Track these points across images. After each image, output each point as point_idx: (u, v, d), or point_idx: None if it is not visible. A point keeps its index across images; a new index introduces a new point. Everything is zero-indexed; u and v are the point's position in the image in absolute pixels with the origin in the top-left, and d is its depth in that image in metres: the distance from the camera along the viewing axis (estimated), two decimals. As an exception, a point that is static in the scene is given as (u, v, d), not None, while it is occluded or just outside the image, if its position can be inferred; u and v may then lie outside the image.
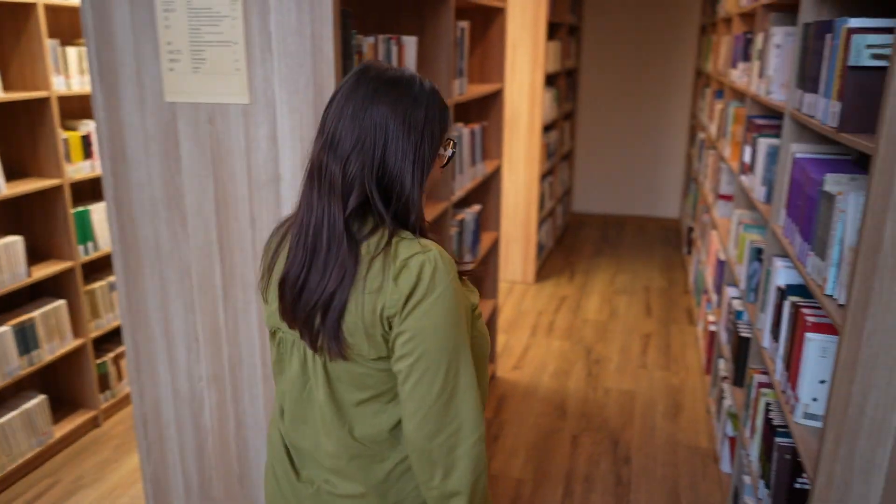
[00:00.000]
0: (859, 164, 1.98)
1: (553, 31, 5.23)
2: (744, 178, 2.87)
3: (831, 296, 1.54)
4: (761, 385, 2.16)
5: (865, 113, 1.49)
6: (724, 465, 2.74)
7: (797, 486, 1.84)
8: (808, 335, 1.66)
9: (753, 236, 2.68)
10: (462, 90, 2.60)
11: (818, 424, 1.68)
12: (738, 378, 2.59)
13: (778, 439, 1.88)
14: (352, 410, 1.15)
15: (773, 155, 2.44)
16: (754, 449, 2.12)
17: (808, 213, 1.75)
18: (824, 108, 1.68)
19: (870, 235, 1.28)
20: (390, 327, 1.06)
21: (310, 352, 1.14)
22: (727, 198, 3.52)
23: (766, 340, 2.13)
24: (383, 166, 1.07)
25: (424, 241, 1.09)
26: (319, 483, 1.21)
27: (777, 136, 2.62)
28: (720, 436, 2.85)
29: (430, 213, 2.38)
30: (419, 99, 1.08)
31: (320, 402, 1.15)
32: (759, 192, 2.52)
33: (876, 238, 1.27)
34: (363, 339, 1.07)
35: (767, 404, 2.03)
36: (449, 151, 1.17)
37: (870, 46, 1.45)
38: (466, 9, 2.92)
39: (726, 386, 2.89)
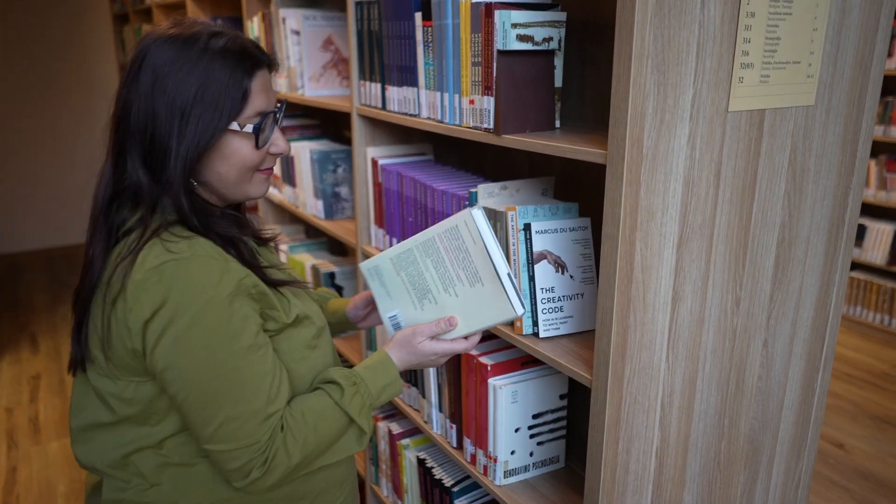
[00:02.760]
0: (441, 161, 1.76)
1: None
2: (275, 192, 2.42)
3: (533, 334, 1.26)
4: (396, 436, 1.81)
5: (523, 108, 1.21)
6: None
7: (491, 545, 1.58)
8: (493, 381, 1.36)
9: (310, 258, 2.29)
10: None
11: (521, 478, 1.42)
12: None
13: (458, 501, 1.57)
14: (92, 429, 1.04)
15: (321, 162, 2.06)
16: (412, 513, 1.78)
17: (446, 234, 1.43)
18: (443, 105, 1.35)
19: (623, 265, 1.00)
20: (135, 348, 0.94)
21: None
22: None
23: (394, 384, 1.78)
24: (151, 146, 0.97)
25: (188, 243, 0.94)
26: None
27: (313, 138, 2.25)
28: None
29: None
30: (197, 62, 0.95)
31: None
32: (313, 207, 2.11)
33: (627, 267, 1.01)
34: (99, 349, 0.98)
35: (421, 460, 1.70)
36: (249, 127, 1.00)
37: (515, 26, 1.16)
38: None
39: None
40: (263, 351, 0.98)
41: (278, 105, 1.08)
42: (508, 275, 1.07)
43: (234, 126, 0.99)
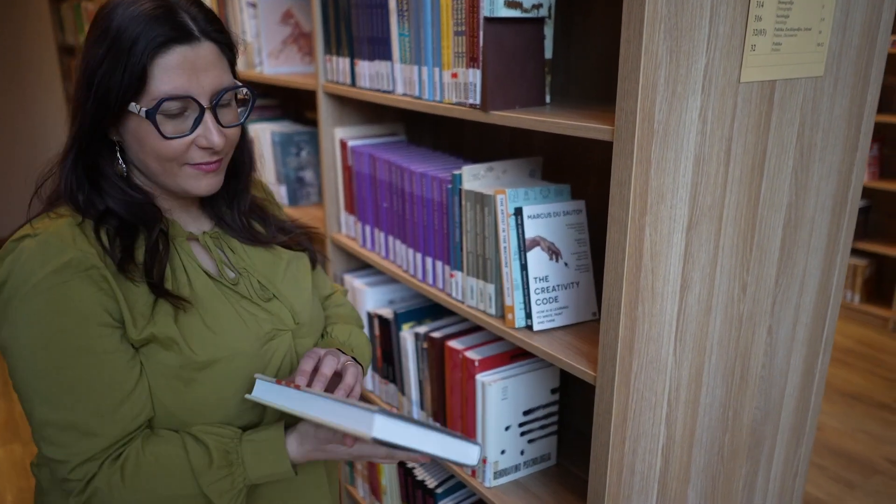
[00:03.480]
0: (416, 142, 1.65)
1: None
2: (233, 177, 2.27)
3: (527, 326, 1.17)
4: (374, 434, 1.71)
5: (512, 81, 1.11)
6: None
7: (478, 547, 1.50)
8: (481, 378, 1.27)
9: (273, 247, 2.16)
10: None
11: (512, 478, 1.34)
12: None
13: (443, 503, 1.49)
14: None
15: (284, 145, 1.92)
16: (391, 515, 1.68)
17: (427, 221, 1.33)
18: (421, 80, 1.24)
19: (632, 252, 0.91)
20: None
21: None
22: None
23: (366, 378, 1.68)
24: (73, 115, 0.90)
25: (50, 223, 0.86)
26: None
27: (273, 119, 2.11)
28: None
29: None
30: (111, 28, 0.83)
31: None
32: (276, 193, 1.98)
33: (636, 254, 0.92)
34: None
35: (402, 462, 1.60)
36: (141, 111, 0.84)
37: (503, -10, 1.05)
38: None
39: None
40: (108, 359, 0.83)
41: (242, 89, 0.91)
42: (445, 437, 0.84)
43: (133, 107, 0.84)
